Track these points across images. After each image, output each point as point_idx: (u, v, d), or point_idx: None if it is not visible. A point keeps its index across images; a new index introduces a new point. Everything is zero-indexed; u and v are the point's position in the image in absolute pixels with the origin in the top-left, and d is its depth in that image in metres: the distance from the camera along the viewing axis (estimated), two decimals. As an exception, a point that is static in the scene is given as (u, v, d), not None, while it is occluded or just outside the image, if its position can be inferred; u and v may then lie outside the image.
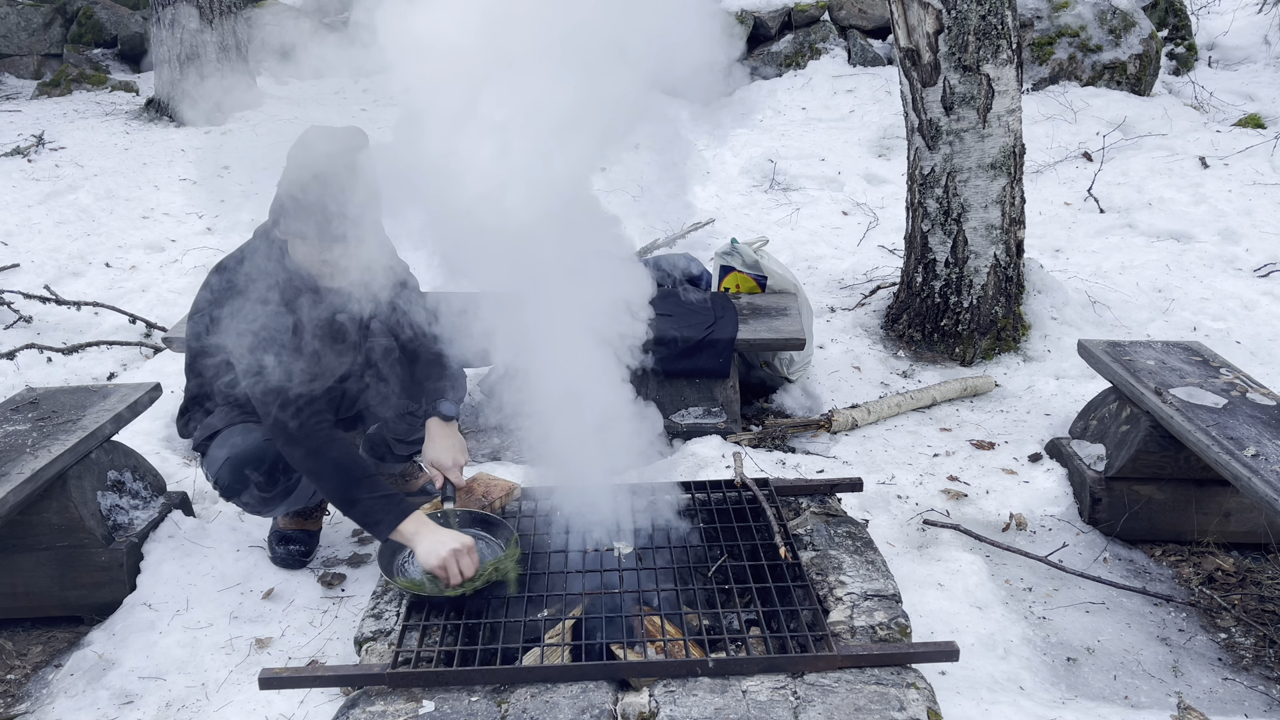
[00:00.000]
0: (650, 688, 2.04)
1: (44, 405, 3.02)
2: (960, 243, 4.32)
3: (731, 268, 4.27)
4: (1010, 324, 4.40)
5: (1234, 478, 2.54)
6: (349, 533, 3.12)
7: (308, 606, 2.77)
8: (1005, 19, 4.05)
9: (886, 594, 2.34)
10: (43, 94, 9.28)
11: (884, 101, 7.91)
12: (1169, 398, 2.94)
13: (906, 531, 3.12)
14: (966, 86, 4.11)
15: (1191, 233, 5.50)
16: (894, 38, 4.35)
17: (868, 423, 3.86)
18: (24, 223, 6.10)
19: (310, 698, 2.37)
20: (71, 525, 2.74)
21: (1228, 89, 7.87)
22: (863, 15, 8.87)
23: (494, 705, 1.99)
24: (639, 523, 2.62)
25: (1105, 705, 2.38)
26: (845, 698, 1.98)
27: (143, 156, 7.51)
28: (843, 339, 4.56)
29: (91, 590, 2.78)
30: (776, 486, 2.80)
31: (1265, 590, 2.86)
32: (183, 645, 2.59)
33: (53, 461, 2.63)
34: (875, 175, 6.83)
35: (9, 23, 9.91)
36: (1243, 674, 2.55)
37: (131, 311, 4.84)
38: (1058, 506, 3.27)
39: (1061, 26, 7.72)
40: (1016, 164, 4.26)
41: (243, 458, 2.58)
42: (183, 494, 3.16)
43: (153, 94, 8.67)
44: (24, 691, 2.55)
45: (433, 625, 2.27)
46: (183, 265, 5.54)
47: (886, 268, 5.25)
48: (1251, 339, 4.42)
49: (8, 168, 7.11)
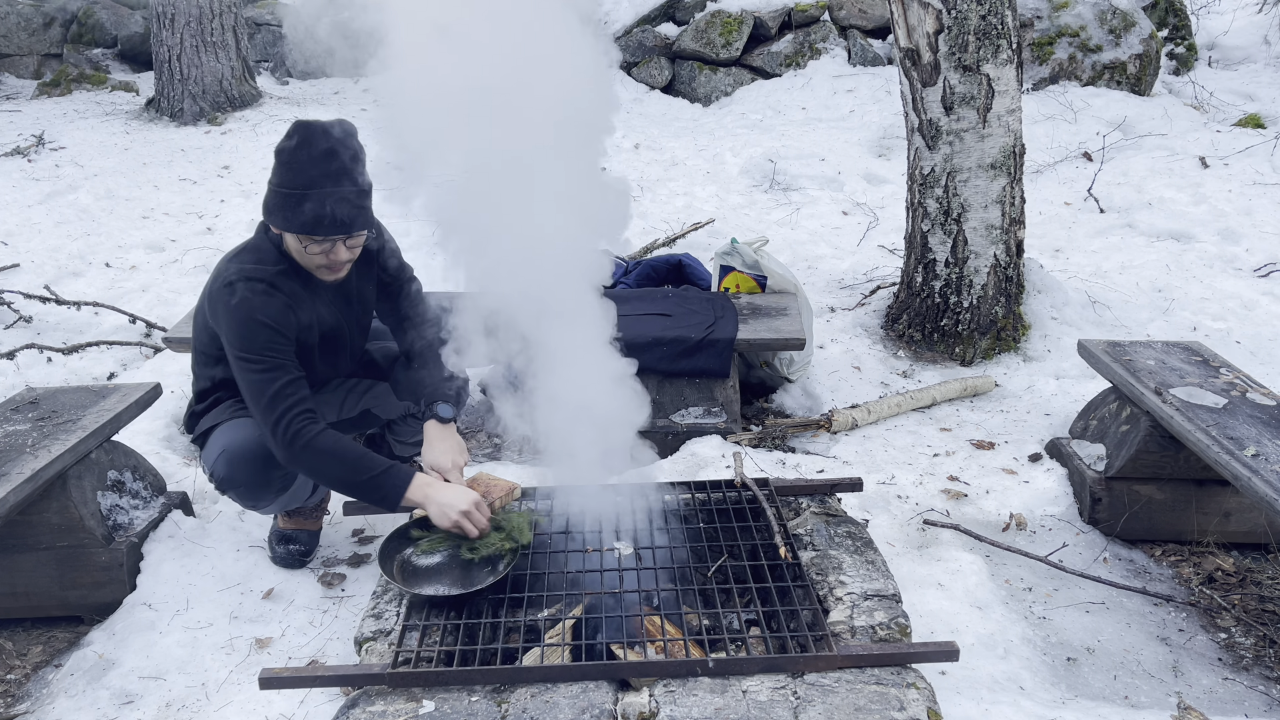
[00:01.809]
0: (650, 688, 2.04)
1: (44, 405, 3.02)
2: (960, 243, 4.32)
3: (731, 268, 4.28)
4: (1010, 324, 4.40)
5: (1234, 478, 2.54)
6: (349, 533, 3.12)
7: (308, 606, 2.77)
8: (1005, 19, 4.05)
9: (886, 594, 2.34)
10: (43, 94, 9.28)
11: (884, 101, 7.92)
12: (1169, 398, 2.94)
13: (906, 531, 3.12)
14: (966, 86, 4.11)
15: (1191, 233, 5.50)
16: (894, 38, 4.35)
17: (868, 423, 3.86)
18: (24, 223, 6.11)
19: (310, 698, 2.37)
20: (71, 525, 2.74)
21: (1228, 89, 7.87)
22: (863, 15, 8.87)
23: (494, 705, 1.99)
24: (639, 522, 2.62)
25: (1105, 705, 2.38)
26: (845, 698, 1.98)
27: (143, 156, 7.52)
28: (843, 339, 4.56)
29: (91, 590, 2.78)
30: (776, 486, 2.80)
31: (1265, 590, 2.86)
32: (183, 645, 2.59)
33: (53, 461, 2.63)
34: (875, 175, 6.83)
35: (9, 23, 9.91)
36: (1243, 674, 2.55)
37: (131, 311, 4.84)
38: (1058, 506, 3.27)
39: (1061, 26, 7.72)
40: (1016, 164, 4.26)
41: (238, 451, 2.57)
42: (183, 494, 3.16)
43: (153, 94, 8.67)
44: (24, 691, 2.55)
45: (433, 625, 2.27)
46: (183, 265, 5.54)
47: (886, 268, 5.25)
48: (1251, 339, 4.42)
49: (8, 168, 7.11)
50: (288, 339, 2.49)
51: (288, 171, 2.39)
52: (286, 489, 2.70)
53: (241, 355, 2.45)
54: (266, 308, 2.45)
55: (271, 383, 2.42)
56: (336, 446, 2.43)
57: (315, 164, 2.36)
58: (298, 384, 2.46)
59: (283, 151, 2.41)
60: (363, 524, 3.12)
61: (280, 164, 2.42)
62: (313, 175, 2.36)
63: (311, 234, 2.42)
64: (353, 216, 2.42)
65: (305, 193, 2.37)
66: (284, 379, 2.44)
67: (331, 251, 2.48)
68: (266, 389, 2.42)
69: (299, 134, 2.39)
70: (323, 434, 2.43)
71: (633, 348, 2.63)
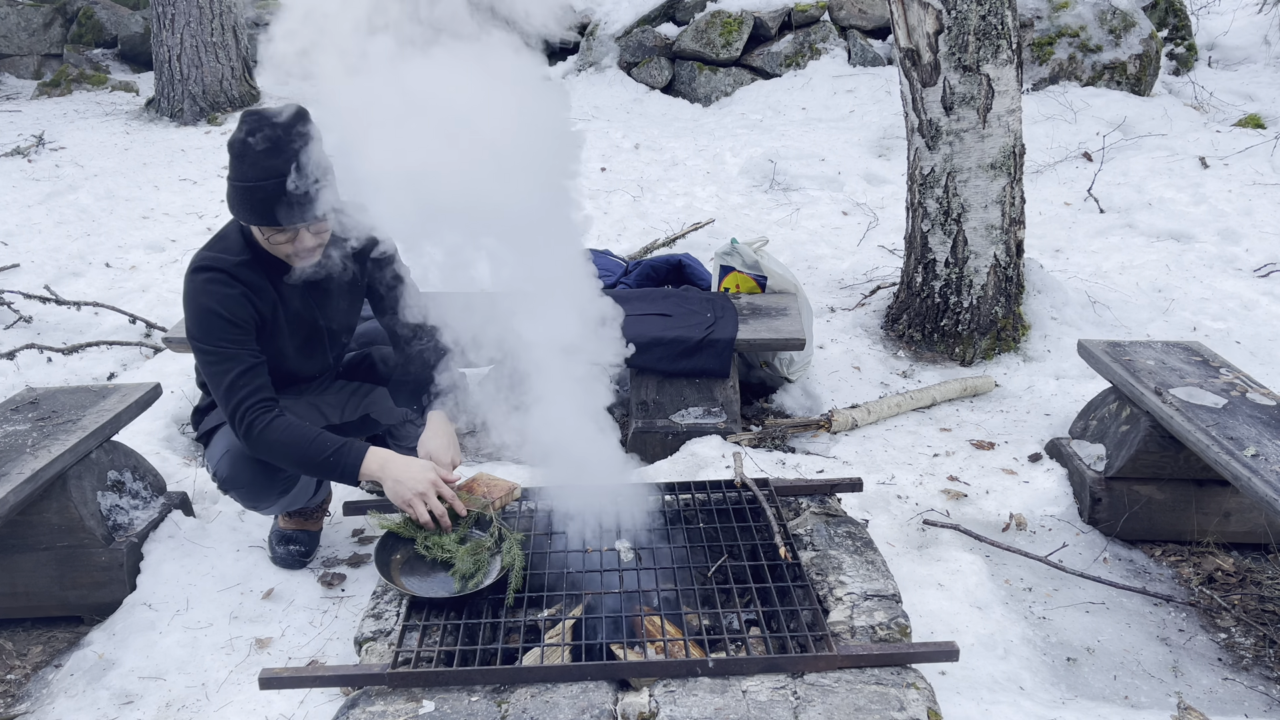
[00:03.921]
0: (650, 688, 2.04)
1: (44, 405, 3.02)
2: (960, 243, 4.32)
3: (731, 268, 4.27)
4: (1010, 324, 4.40)
5: (1234, 478, 2.54)
6: (349, 533, 3.12)
7: (308, 606, 2.77)
8: (1005, 19, 4.05)
9: (886, 594, 2.34)
10: (43, 94, 9.28)
11: (884, 101, 7.92)
12: (1169, 398, 2.94)
13: (906, 531, 3.12)
14: (966, 87, 4.11)
15: (1191, 233, 5.50)
16: (894, 38, 4.35)
17: (868, 423, 3.86)
18: (24, 223, 6.11)
19: (310, 698, 2.37)
20: (71, 525, 2.74)
21: (1228, 89, 7.87)
22: (863, 15, 8.87)
23: (494, 705, 1.99)
24: (639, 522, 2.62)
25: (1105, 705, 2.38)
26: (845, 698, 1.98)
27: (143, 156, 7.52)
28: (843, 339, 4.56)
29: (91, 590, 2.78)
30: (776, 486, 2.80)
31: (1265, 590, 2.86)
32: (183, 645, 2.59)
33: (53, 461, 2.63)
34: (875, 175, 6.83)
35: (9, 23, 9.91)
36: (1243, 674, 2.55)
37: (131, 311, 4.84)
38: (1058, 506, 3.27)
39: (1061, 26, 7.72)
40: (1016, 164, 4.26)
41: (241, 452, 2.58)
42: (183, 494, 3.16)
43: (153, 94, 8.67)
44: (24, 691, 2.55)
45: (433, 625, 2.27)
46: (183, 265, 5.54)
47: (886, 268, 5.25)
48: (1251, 339, 4.42)
49: (8, 168, 7.11)
50: (243, 329, 2.48)
51: (240, 164, 2.36)
52: (288, 491, 2.71)
53: (197, 345, 2.48)
54: (222, 298, 2.45)
55: (226, 374, 2.45)
56: (289, 433, 2.44)
57: (267, 155, 2.32)
58: (253, 373, 2.47)
59: (234, 144, 2.36)
60: (363, 524, 3.12)
61: (233, 157, 2.38)
62: (265, 166, 2.32)
63: (271, 224, 2.39)
64: (309, 202, 2.36)
65: (259, 184, 2.33)
66: (238, 369, 2.45)
67: (296, 240, 2.45)
68: (222, 380, 2.45)
69: (247, 124, 2.35)
70: (275, 421, 2.44)
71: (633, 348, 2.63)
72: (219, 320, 2.45)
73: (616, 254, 5.26)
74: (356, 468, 2.44)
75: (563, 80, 9.24)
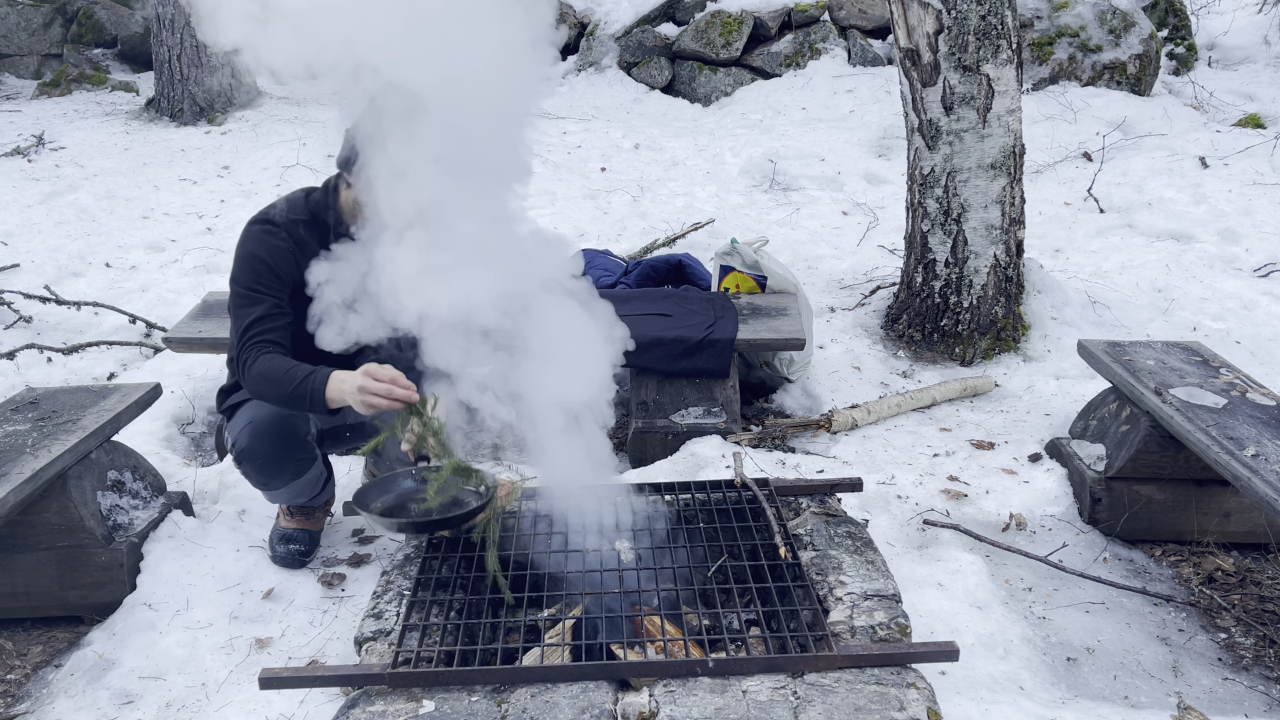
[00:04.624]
0: (650, 688, 2.04)
1: (44, 405, 3.02)
2: (960, 243, 4.32)
3: (731, 268, 4.28)
4: (1010, 324, 4.40)
5: (1234, 478, 2.54)
6: (349, 533, 3.12)
7: (308, 606, 2.77)
8: (1005, 19, 4.05)
9: (886, 594, 2.34)
10: (43, 94, 9.28)
11: (884, 101, 7.91)
12: (1169, 398, 2.94)
13: (906, 531, 3.12)
14: (966, 86, 4.11)
15: (1191, 233, 5.50)
16: (894, 38, 4.35)
17: (868, 423, 3.86)
18: (24, 223, 6.11)
19: (310, 698, 2.37)
20: (71, 525, 2.74)
21: (1228, 89, 7.87)
22: (863, 15, 8.87)
23: (494, 705, 1.99)
24: (639, 522, 2.62)
25: (1105, 705, 2.38)
26: (845, 698, 1.98)
27: (143, 156, 7.52)
28: (843, 339, 4.56)
29: (91, 590, 2.78)
30: (776, 486, 2.80)
31: (1265, 590, 2.86)
32: (183, 645, 2.59)
33: (53, 461, 2.63)
34: (875, 175, 6.83)
35: (9, 23, 9.91)
36: (1243, 674, 2.55)
37: (131, 311, 4.84)
38: (1058, 506, 3.27)
39: (1061, 26, 7.72)
40: (1016, 164, 4.26)
41: (263, 424, 2.63)
42: (183, 494, 3.16)
43: (153, 94, 8.67)
44: (24, 691, 2.55)
45: (433, 625, 2.27)
46: (183, 265, 5.54)
47: (886, 268, 5.25)
48: (1251, 339, 4.42)
49: (8, 168, 7.11)
50: (280, 280, 2.55)
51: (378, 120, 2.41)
52: (300, 475, 2.74)
53: (235, 286, 2.56)
54: (269, 247, 2.55)
55: (248, 315, 2.52)
56: (268, 366, 2.48)
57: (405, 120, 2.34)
58: (272, 319, 2.53)
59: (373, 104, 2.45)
60: (363, 524, 3.12)
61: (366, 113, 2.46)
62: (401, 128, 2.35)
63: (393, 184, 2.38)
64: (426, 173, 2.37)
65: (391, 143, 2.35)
66: (260, 311, 2.52)
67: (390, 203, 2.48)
68: (244, 319, 2.53)
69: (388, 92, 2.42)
70: (264, 355, 2.49)
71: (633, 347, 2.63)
72: (260, 264, 2.54)
73: (616, 254, 5.26)
74: (322, 394, 2.44)
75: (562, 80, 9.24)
